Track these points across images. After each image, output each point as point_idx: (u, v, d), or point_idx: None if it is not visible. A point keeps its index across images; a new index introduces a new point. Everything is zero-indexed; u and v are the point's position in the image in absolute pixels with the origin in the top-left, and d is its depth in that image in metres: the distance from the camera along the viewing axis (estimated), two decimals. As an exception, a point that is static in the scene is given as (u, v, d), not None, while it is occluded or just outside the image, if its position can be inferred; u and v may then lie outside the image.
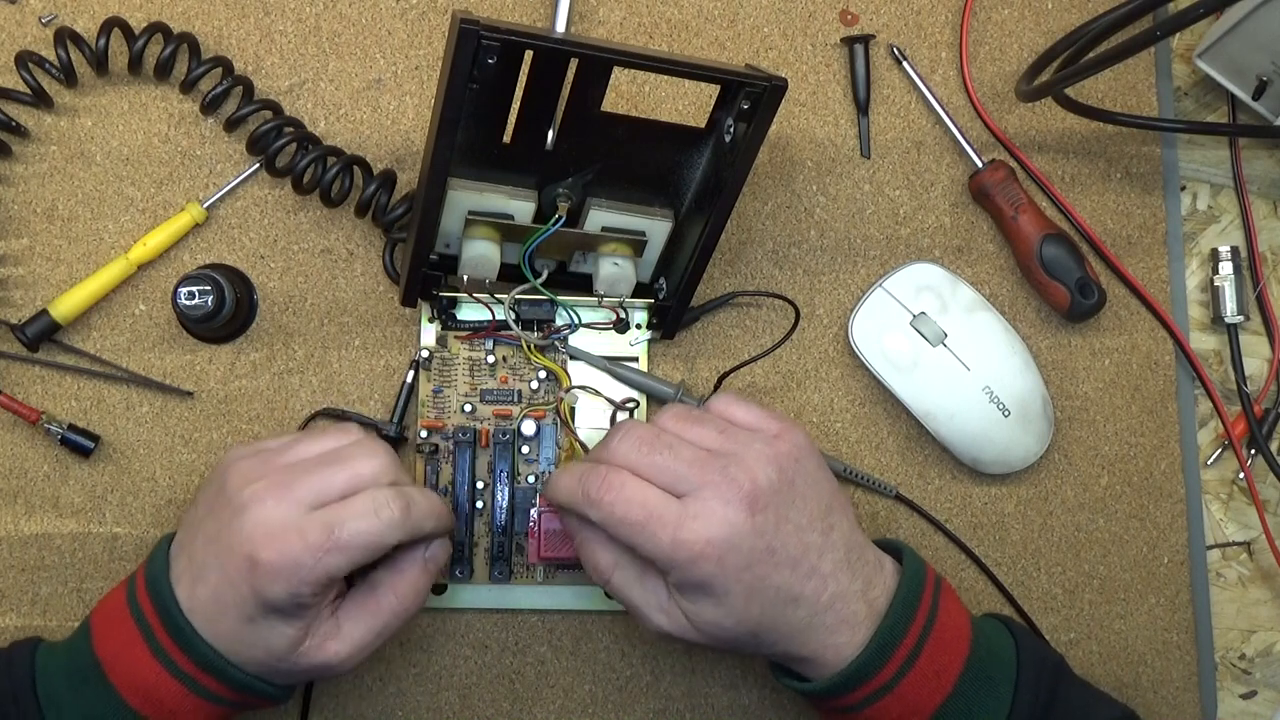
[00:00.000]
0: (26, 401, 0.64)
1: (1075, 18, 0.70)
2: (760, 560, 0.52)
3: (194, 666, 0.52)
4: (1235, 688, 0.68)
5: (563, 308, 0.64)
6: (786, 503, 0.52)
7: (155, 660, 0.52)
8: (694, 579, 0.51)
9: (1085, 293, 0.66)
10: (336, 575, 0.51)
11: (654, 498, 0.51)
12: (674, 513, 0.51)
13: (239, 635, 0.52)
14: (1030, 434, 0.65)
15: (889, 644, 0.53)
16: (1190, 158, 0.71)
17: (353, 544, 0.51)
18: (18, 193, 0.65)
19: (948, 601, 0.56)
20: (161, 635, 0.52)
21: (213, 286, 0.61)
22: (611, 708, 0.65)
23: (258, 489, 0.52)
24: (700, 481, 0.51)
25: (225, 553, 0.51)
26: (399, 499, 0.52)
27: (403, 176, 0.65)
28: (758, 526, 0.51)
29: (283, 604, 0.51)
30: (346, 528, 0.51)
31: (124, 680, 0.52)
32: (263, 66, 0.66)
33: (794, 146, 0.69)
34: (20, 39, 0.66)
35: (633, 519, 0.51)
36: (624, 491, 0.51)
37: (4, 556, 0.63)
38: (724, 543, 0.51)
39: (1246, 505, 0.69)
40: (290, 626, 0.52)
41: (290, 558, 0.50)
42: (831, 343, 0.68)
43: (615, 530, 0.52)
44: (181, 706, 0.52)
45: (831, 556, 0.53)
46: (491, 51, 0.53)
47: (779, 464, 0.53)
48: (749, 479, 0.52)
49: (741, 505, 0.51)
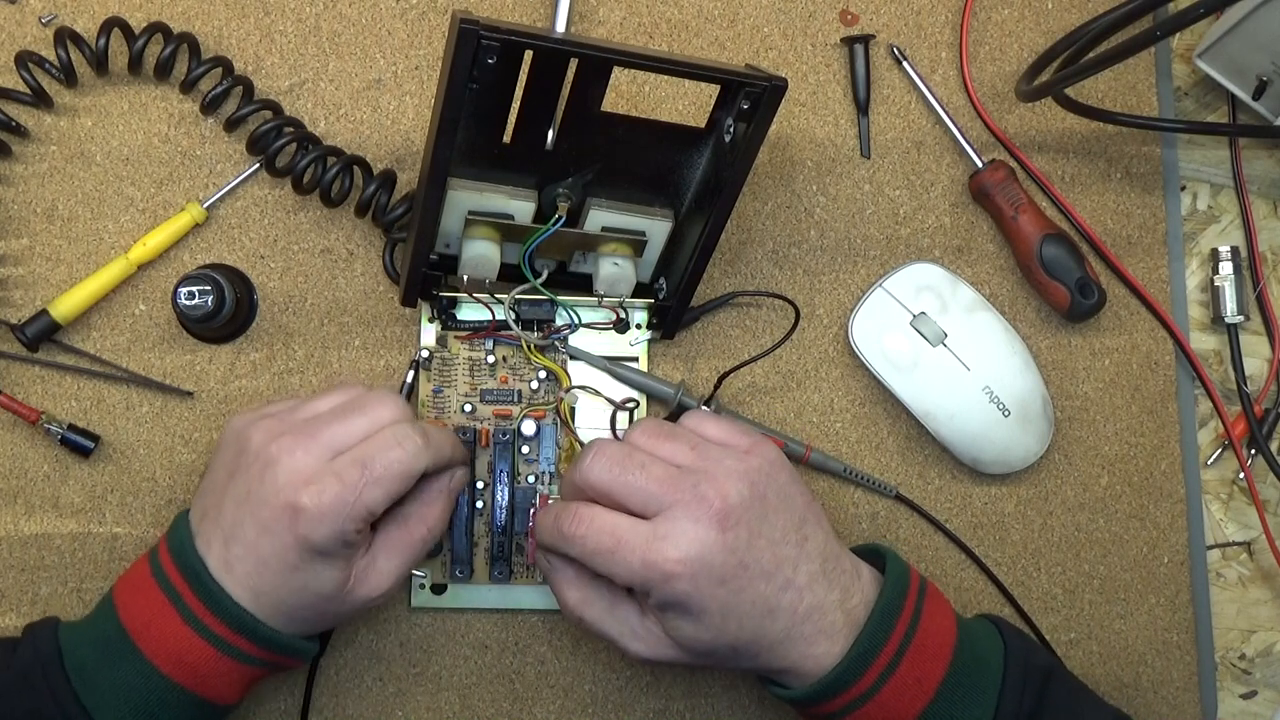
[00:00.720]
0: (26, 401, 0.64)
1: (1075, 18, 0.70)
2: (734, 575, 0.52)
3: (225, 628, 0.53)
4: (1235, 688, 0.68)
5: (563, 308, 0.64)
6: (759, 517, 0.53)
7: (185, 625, 0.53)
8: (669, 598, 0.52)
9: (1085, 293, 0.66)
10: (376, 510, 0.53)
11: (623, 524, 0.53)
12: (643, 535, 0.52)
13: (284, 585, 0.53)
14: (1030, 434, 0.65)
15: (868, 653, 0.53)
16: (1190, 158, 0.71)
17: (387, 474, 0.53)
18: (18, 193, 0.65)
19: (932, 607, 0.56)
20: (191, 600, 0.53)
21: (213, 286, 0.61)
22: (611, 708, 0.65)
23: (284, 442, 0.53)
24: (670, 500, 0.52)
25: (260, 506, 0.53)
26: (417, 429, 0.55)
27: (403, 176, 0.65)
28: (729, 543, 0.52)
29: (329, 545, 0.52)
30: (378, 461, 0.53)
31: (154, 647, 0.53)
32: (263, 66, 0.66)
33: (794, 146, 0.69)
34: (20, 39, 0.66)
35: (604, 547, 0.52)
36: (594, 523, 0.53)
37: (4, 556, 0.63)
38: (696, 560, 0.52)
39: (1246, 505, 0.69)
40: (334, 568, 0.53)
41: (331, 498, 0.52)
42: (831, 343, 0.68)
43: (591, 562, 0.53)
44: (213, 669, 0.53)
45: (807, 568, 0.54)
46: (491, 51, 0.53)
47: (750, 479, 0.53)
48: (719, 496, 0.52)
49: (712, 523, 0.52)
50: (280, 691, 0.63)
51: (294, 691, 0.63)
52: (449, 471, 0.58)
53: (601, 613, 0.55)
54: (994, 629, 0.58)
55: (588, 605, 0.56)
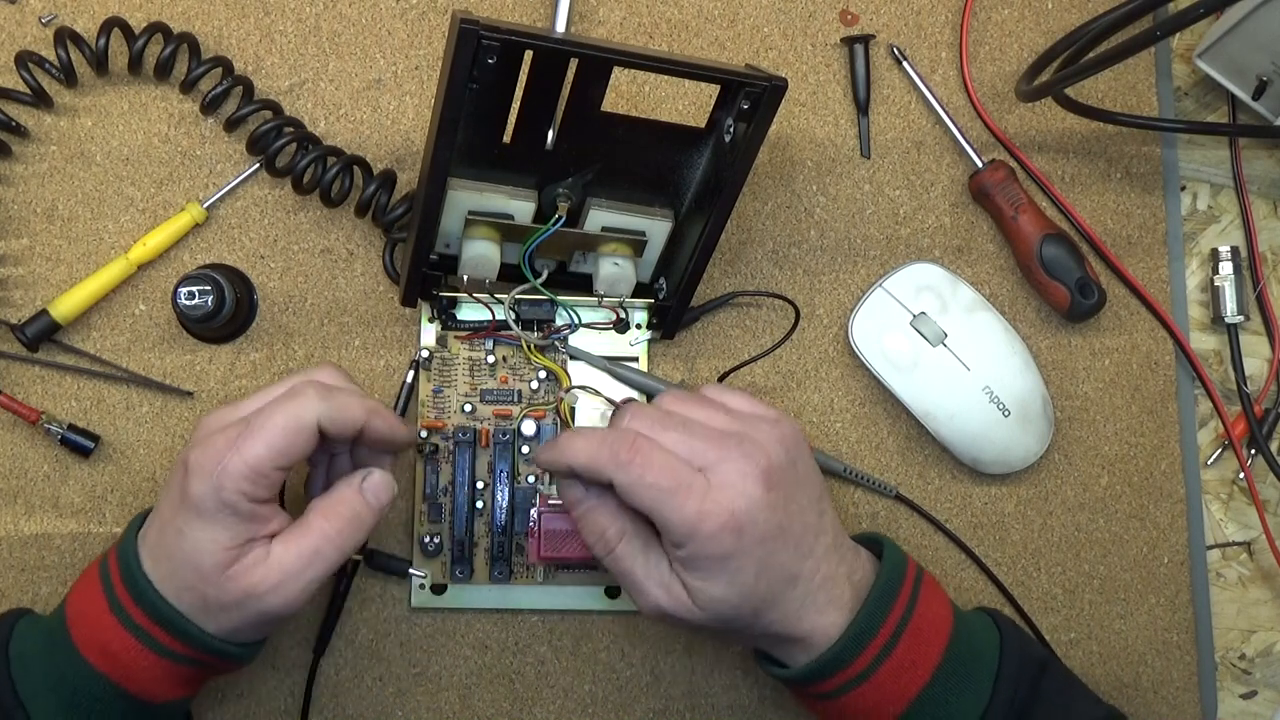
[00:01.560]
0: (26, 401, 0.64)
1: (1075, 18, 0.70)
2: (772, 536, 0.52)
3: (146, 618, 0.52)
4: (1235, 688, 0.68)
5: (563, 308, 0.64)
6: (793, 482, 0.53)
7: (111, 614, 0.52)
8: (713, 552, 0.51)
9: (1085, 293, 0.66)
10: (258, 467, 0.50)
11: (681, 467, 0.52)
12: (700, 483, 0.51)
13: (172, 555, 0.52)
14: (1030, 434, 0.65)
15: (865, 633, 0.54)
16: (1190, 158, 0.71)
17: (267, 425, 0.51)
18: (18, 193, 0.65)
19: (928, 594, 0.56)
20: (120, 590, 0.53)
21: (213, 286, 0.61)
22: (611, 708, 0.65)
23: (209, 416, 0.54)
24: (719, 457, 0.52)
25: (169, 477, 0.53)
26: (318, 386, 0.52)
27: (403, 176, 0.65)
28: (772, 503, 0.52)
29: (205, 503, 0.50)
30: (262, 414, 0.51)
31: (83, 636, 0.53)
32: (263, 66, 0.66)
33: (794, 146, 0.69)
34: (20, 39, 0.66)
35: (663, 484, 0.51)
36: (653, 456, 0.51)
37: (4, 556, 0.63)
38: (745, 515, 0.51)
39: (1246, 505, 0.69)
40: (213, 533, 0.51)
41: (213, 453, 0.51)
42: (831, 343, 0.68)
43: (640, 495, 0.51)
44: (136, 662, 0.52)
45: (824, 540, 0.55)
46: (491, 51, 0.53)
47: (785, 445, 0.54)
48: (764, 456, 0.52)
49: (760, 480, 0.52)
50: (280, 692, 0.63)
51: (294, 692, 0.63)
52: (364, 470, 0.55)
53: (635, 551, 0.54)
54: (990, 620, 0.59)
55: (627, 539, 0.54)
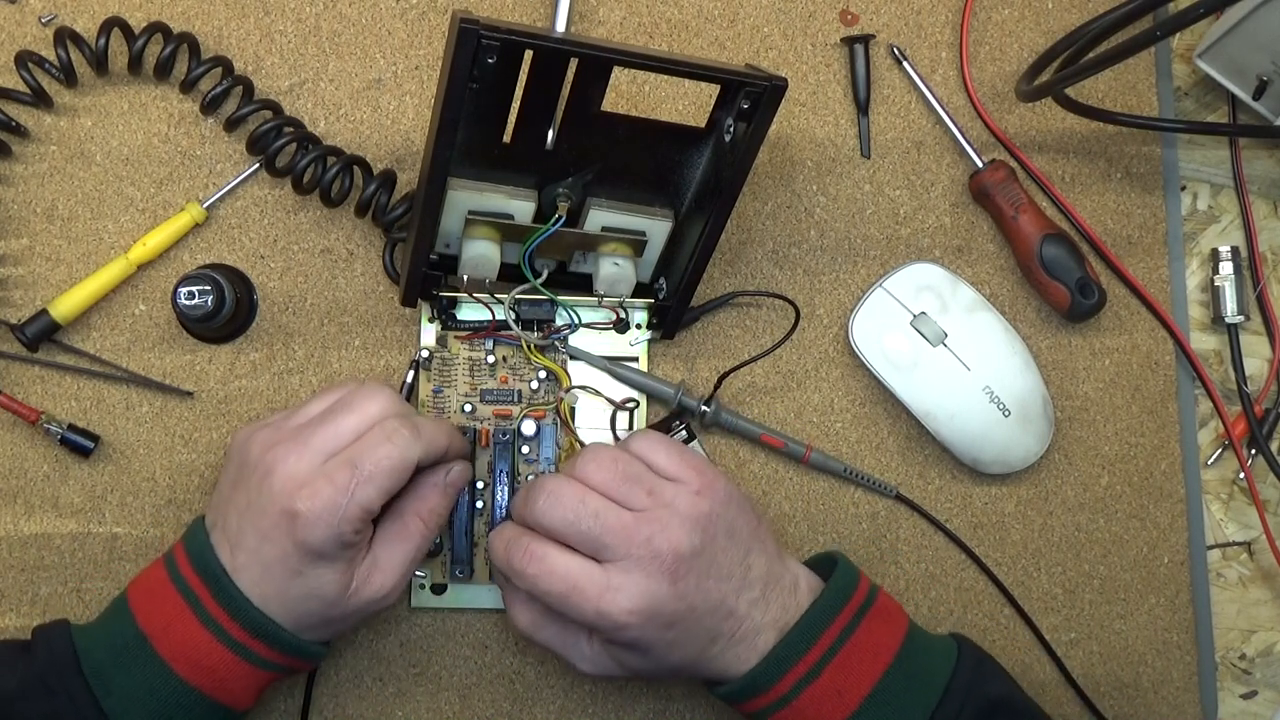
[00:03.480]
0: (26, 401, 0.64)
1: (1075, 18, 0.70)
2: (681, 619, 0.54)
3: (244, 633, 0.53)
4: (1235, 688, 0.68)
5: (563, 308, 0.64)
6: (707, 562, 0.54)
7: (205, 629, 0.53)
8: (620, 639, 0.54)
9: (1085, 293, 0.66)
10: (371, 508, 0.53)
11: (576, 568, 0.53)
12: (597, 584, 0.53)
13: (287, 592, 0.53)
14: (1030, 434, 0.65)
15: (785, 660, 0.55)
16: (1190, 158, 0.71)
17: (378, 471, 0.53)
18: (18, 193, 0.65)
19: (874, 622, 0.56)
20: (210, 604, 0.53)
21: (213, 286, 0.61)
22: (611, 708, 0.65)
23: (278, 451, 0.54)
24: (624, 552, 0.53)
25: (260, 515, 0.53)
26: (407, 422, 0.55)
27: (403, 176, 0.65)
28: (679, 591, 0.53)
29: (326, 548, 0.53)
30: (367, 459, 0.53)
31: (173, 651, 0.53)
32: (263, 66, 0.66)
33: (794, 146, 0.69)
34: (20, 39, 0.66)
35: (555, 590, 0.53)
36: (545, 564, 0.53)
37: (4, 556, 0.63)
38: (647, 611, 0.53)
39: (1247, 505, 0.69)
40: (335, 570, 0.54)
41: (325, 501, 0.52)
42: (831, 343, 0.68)
43: (542, 599, 0.54)
44: (232, 673, 0.54)
45: (748, 596, 0.55)
46: (491, 51, 0.53)
47: (702, 525, 0.54)
48: (671, 550, 0.53)
49: (664, 576, 0.53)
50: (280, 692, 0.63)
51: (294, 692, 0.63)
52: (444, 466, 0.58)
53: (552, 636, 0.57)
54: (952, 652, 0.58)
55: (540, 629, 0.57)
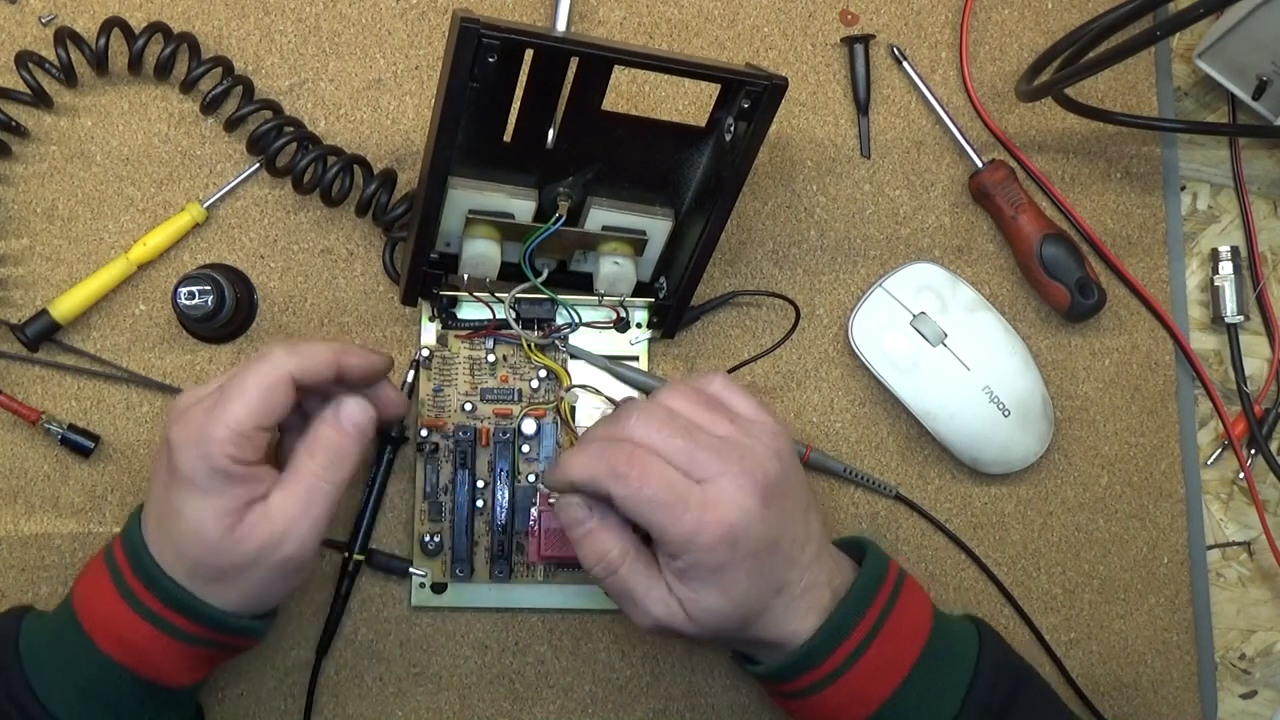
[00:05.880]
0: (26, 401, 0.64)
1: (1075, 18, 0.70)
2: (765, 548, 0.53)
3: (159, 603, 0.52)
4: (1235, 688, 0.68)
5: (563, 307, 0.64)
6: (786, 495, 0.54)
7: (123, 601, 0.53)
8: (708, 563, 0.52)
9: (1085, 293, 0.66)
10: (240, 429, 0.51)
11: (679, 479, 0.52)
12: (698, 496, 0.51)
13: (173, 537, 0.52)
14: (1030, 434, 0.65)
15: (838, 633, 0.54)
16: (1190, 158, 0.71)
17: (241, 386, 0.51)
18: (18, 193, 0.65)
19: (908, 599, 0.56)
20: (129, 576, 0.53)
21: (213, 286, 0.61)
22: (611, 708, 0.65)
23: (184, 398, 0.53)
24: (719, 469, 0.52)
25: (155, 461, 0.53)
26: (282, 342, 0.53)
27: (403, 176, 0.65)
28: (767, 517, 0.52)
29: (198, 476, 0.51)
30: (234, 379, 0.52)
31: (95, 624, 0.53)
32: (263, 66, 0.66)
33: (794, 146, 0.69)
34: (20, 39, 0.66)
35: (660, 498, 0.51)
36: (650, 468, 0.51)
37: (4, 556, 0.63)
38: (740, 529, 0.52)
39: (1246, 505, 0.69)
40: (211, 505, 0.51)
41: (193, 425, 0.51)
42: (831, 343, 0.68)
43: (638, 509, 0.51)
44: (152, 647, 0.53)
45: (810, 548, 0.55)
46: (492, 50, 0.53)
47: (781, 458, 0.54)
48: (762, 471, 0.53)
49: (757, 495, 0.52)
50: (281, 692, 0.63)
51: (294, 692, 0.63)
52: (333, 402, 0.54)
53: (639, 570, 0.53)
54: (973, 628, 0.58)
55: (630, 558, 0.53)
